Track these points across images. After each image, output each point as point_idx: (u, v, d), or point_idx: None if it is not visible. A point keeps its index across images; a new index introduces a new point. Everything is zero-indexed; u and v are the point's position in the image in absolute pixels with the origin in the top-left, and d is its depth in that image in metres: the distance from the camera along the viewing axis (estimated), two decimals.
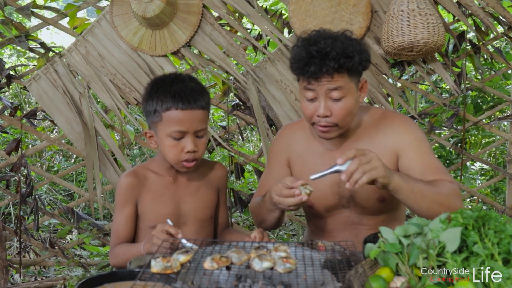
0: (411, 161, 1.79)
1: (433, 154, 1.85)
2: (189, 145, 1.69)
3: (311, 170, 1.85)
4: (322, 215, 1.94)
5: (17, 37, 2.79)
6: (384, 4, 2.77)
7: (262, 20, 2.81)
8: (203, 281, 1.17)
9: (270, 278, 1.19)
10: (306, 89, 1.72)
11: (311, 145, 1.93)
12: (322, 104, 1.69)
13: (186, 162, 1.72)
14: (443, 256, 1.25)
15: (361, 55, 1.71)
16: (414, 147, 1.81)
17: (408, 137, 1.82)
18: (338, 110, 1.70)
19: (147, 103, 1.73)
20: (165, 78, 1.77)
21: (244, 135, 5.37)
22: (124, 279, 1.27)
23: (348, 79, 1.70)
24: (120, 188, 1.80)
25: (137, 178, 1.81)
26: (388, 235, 1.35)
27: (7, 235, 3.09)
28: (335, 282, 1.15)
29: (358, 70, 1.73)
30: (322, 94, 1.69)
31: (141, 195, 1.80)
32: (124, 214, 1.79)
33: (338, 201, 1.88)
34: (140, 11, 2.59)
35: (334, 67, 1.64)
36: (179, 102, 1.66)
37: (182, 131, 1.68)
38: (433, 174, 1.76)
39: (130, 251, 1.70)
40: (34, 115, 2.93)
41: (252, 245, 1.41)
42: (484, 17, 2.81)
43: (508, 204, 3.14)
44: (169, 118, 1.68)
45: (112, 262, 1.79)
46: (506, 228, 1.29)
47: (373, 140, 1.84)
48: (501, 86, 3.85)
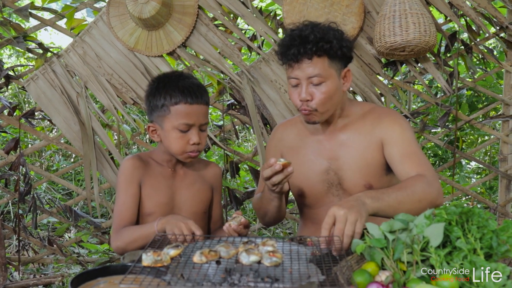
0: (392, 147, 1.85)
1: (415, 143, 1.88)
2: (194, 137, 1.80)
3: (302, 161, 1.95)
4: (313, 204, 2.00)
5: (16, 38, 2.82)
6: (377, 5, 2.81)
7: (257, 21, 2.84)
8: (192, 274, 1.20)
9: (257, 271, 1.23)
10: (290, 78, 1.83)
11: (302, 138, 2.02)
12: (303, 89, 1.80)
13: (191, 153, 1.82)
14: (427, 250, 1.29)
15: (341, 42, 1.81)
16: (397, 135, 1.86)
17: (391, 126, 1.88)
18: (318, 95, 1.80)
19: (154, 98, 1.82)
20: (171, 74, 1.88)
21: (242, 134, 5.41)
22: (117, 273, 1.31)
23: (328, 65, 1.79)
24: (124, 169, 1.85)
25: (141, 161, 1.88)
26: (374, 231, 1.39)
27: (6, 233, 3.12)
28: (319, 275, 1.18)
29: (338, 56, 1.81)
30: (303, 79, 1.79)
31: (144, 178, 1.86)
32: (129, 194, 1.82)
33: (327, 189, 1.94)
34: (136, 12, 2.63)
35: (312, 49, 1.75)
36: (187, 97, 1.78)
37: (189, 124, 1.79)
38: (411, 161, 1.79)
39: (138, 232, 1.73)
40: (32, 114, 2.96)
41: (241, 240, 1.45)
42: (476, 17, 2.84)
43: (500, 202, 3.18)
44: (178, 111, 1.78)
45: (115, 244, 1.77)
46: (489, 223, 1.33)
47: (360, 131, 1.91)
48: (495, 86, 3.88)
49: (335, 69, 1.81)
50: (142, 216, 1.86)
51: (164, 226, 1.64)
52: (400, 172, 1.83)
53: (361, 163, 1.89)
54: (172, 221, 1.62)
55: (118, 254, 1.81)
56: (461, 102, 4.09)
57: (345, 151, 1.91)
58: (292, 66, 1.81)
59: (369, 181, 1.88)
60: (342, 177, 1.91)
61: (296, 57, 1.77)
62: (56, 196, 4.34)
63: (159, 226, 1.66)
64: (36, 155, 4.99)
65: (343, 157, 1.91)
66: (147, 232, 1.70)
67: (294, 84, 1.83)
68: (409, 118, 2.98)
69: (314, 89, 1.80)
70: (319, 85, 1.79)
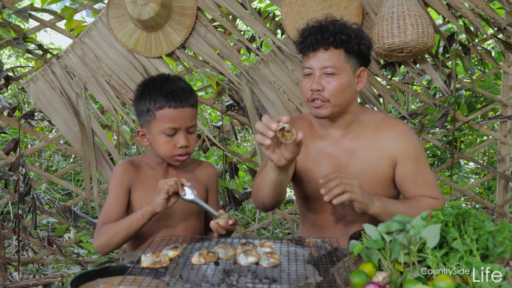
0: (407, 171, 1.88)
1: (428, 167, 1.94)
2: (181, 140, 1.80)
3: (309, 164, 1.94)
4: (315, 209, 2.00)
5: (15, 39, 2.83)
6: (375, 6, 2.82)
7: (255, 22, 2.85)
8: (190, 275, 1.22)
9: (255, 272, 1.24)
10: (304, 68, 1.84)
11: (310, 142, 1.97)
12: (316, 79, 1.80)
13: (179, 156, 1.83)
14: (424, 251, 1.30)
15: (359, 39, 1.82)
16: (412, 159, 1.89)
17: (408, 147, 1.89)
18: (330, 86, 1.79)
19: (139, 103, 1.83)
20: (155, 78, 1.88)
21: (241, 135, 5.42)
22: (117, 273, 1.33)
23: (343, 59, 1.81)
24: (115, 173, 1.87)
25: (133, 166, 1.89)
26: (372, 232, 1.40)
27: (6, 233, 3.13)
28: (316, 276, 1.19)
29: (355, 52, 1.82)
30: (317, 69, 1.80)
31: (134, 183, 1.87)
32: (118, 197, 1.84)
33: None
34: (136, 14, 2.64)
35: (330, 39, 1.77)
36: (171, 101, 1.77)
37: (175, 128, 1.79)
38: (423, 187, 1.87)
39: (120, 223, 1.75)
40: (32, 115, 2.97)
41: (239, 241, 1.46)
42: (474, 18, 2.85)
43: (498, 202, 3.19)
44: (163, 116, 1.78)
45: (97, 242, 1.76)
46: (485, 225, 1.34)
47: (373, 142, 1.90)
48: (493, 86, 3.89)
49: (350, 65, 1.82)
50: None
51: (148, 208, 1.68)
52: (409, 192, 1.88)
53: (371, 175, 1.88)
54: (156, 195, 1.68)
55: (100, 253, 1.81)
56: (460, 103, 4.11)
57: (355, 161, 1.90)
58: (308, 55, 1.82)
59: (377, 193, 1.86)
60: None
61: (313, 45, 1.79)
62: (55, 197, 4.36)
63: (143, 209, 1.70)
64: (35, 156, 5.00)
65: (352, 166, 1.89)
66: (130, 221, 1.72)
67: (307, 73, 1.84)
68: (407, 119, 2.99)
69: (326, 79, 1.80)
70: (332, 77, 1.79)
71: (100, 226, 1.80)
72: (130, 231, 1.73)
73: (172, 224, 1.87)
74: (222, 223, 1.67)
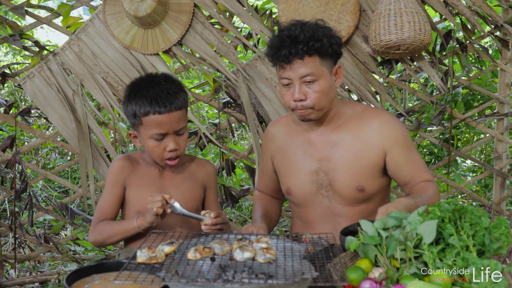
0: (399, 157, 1.88)
1: (416, 151, 1.95)
2: (171, 144, 1.78)
3: (291, 160, 1.95)
4: (301, 203, 2.00)
5: (12, 36, 2.82)
6: (372, 3, 2.81)
7: (252, 19, 2.85)
8: (186, 271, 1.21)
9: (251, 267, 1.24)
10: (282, 78, 1.81)
11: (292, 137, 1.99)
12: (296, 89, 1.78)
13: (169, 160, 1.81)
14: (420, 247, 1.30)
15: (330, 39, 1.79)
16: (401, 145, 1.89)
17: (395, 135, 1.89)
18: (312, 93, 1.78)
19: (126, 108, 1.81)
20: (141, 82, 1.83)
21: (238, 132, 5.42)
22: (112, 269, 1.33)
23: (319, 63, 1.78)
24: (112, 169, 1.88)
25: (130, 162, 1.89)
26: (368, 228, 1.40)
27: (2, 230, 3.13)
28: (312, 272, 1.19)
29: (329, 54, 1.80)
30: (296, 79, 1.77)
31: (130, 179, 1.87)
32: (112, 194, 1.86)
33: (316, 189, 1.93)
34: (132, 10, 2.63)
35: (303, 49, 1.73)
36: (155, 107, 1.73)
37: (162, 133, 1.76)
38: (418, 172, 1.88)
39: (117, 227, 1.78)
40: (28, 112, 2.96)
41: (235, 236, 1.46)
42: (471, 16, 2.86)
43: (495, 199, 3.19)
44: (149, 122, 1.76)
45: (93, 238, 1.81)
46: (481, 221, 1.34)
47: (357, 132, 1.90)
48: (490, 84, 3.89)
49: (327, 67, 1.80)
50: (130, 215, 1.86)
51: (144, 222, 1.70)
52: (406, 177, 1.88)
53: (355, 165, 1.88)
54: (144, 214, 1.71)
55: (96, 246, 1.84)
56: (457, 101, 4.11)
57: (338, 152, 1.90)
58: (284, 67, 1.78)
59: (362, 183, 1.87)
60: (334, 179, 1.89)
61: (288, 58, 1.75)
62: (52, 194, 4.34)
63: (139, 221, 1.72)
64: (32, 153, 4.99)
65: (335, 158, 1.90)
66: (126, 228, 1.75)
67: (285, 84, 1.81)
68: (404, 116, 2.99)
69: (307, 88, 1.78)
70: (312, 84, 1.77)
71: (95, 223, 1.82)
72: (125, 236, 1.79)
73: (168, 220, 1.87)
74: (209, 221, 1.68)
